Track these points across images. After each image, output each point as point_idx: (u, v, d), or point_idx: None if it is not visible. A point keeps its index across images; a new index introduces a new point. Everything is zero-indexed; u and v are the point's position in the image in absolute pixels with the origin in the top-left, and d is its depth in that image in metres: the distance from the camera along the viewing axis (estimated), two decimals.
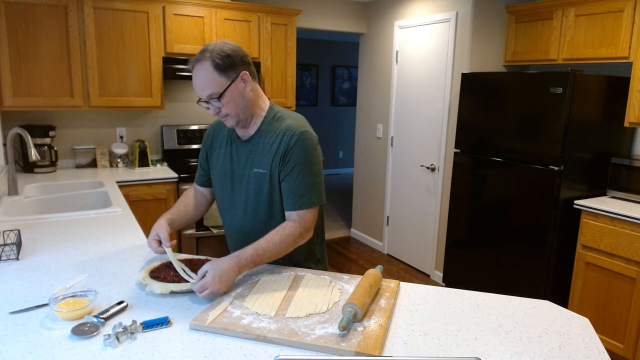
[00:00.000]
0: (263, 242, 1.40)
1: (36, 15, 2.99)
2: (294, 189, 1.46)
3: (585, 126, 2.92)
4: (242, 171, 1.54)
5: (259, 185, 1.51)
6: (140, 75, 3.38)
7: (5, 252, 1.58)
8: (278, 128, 1.49)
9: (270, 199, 1.51)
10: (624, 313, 2.66)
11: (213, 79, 1.40)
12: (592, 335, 1.17)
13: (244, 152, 1.54)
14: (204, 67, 1.39)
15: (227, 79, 1.41)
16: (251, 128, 1.53)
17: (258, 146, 1.51)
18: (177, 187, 3.33)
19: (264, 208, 1.52)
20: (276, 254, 1.41)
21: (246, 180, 1.54)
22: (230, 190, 1.58)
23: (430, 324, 1.21)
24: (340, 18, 4.53)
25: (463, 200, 3.49)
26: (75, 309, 1.17)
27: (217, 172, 1.62)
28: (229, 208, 1.61)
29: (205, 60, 1.39)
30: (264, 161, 1.49)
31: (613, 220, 2.69)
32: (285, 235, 1.42)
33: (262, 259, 1.39)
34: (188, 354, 1.04)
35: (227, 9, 3.58)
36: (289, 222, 1.47)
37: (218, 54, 1.39)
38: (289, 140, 1.46)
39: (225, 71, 1.40)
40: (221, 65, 1.39)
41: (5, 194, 2.56)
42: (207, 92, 1.41)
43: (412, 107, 4.16)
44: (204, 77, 1.40)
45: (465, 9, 3.55)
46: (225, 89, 1.41)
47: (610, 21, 2.90)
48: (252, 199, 1.53)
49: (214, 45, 1.41)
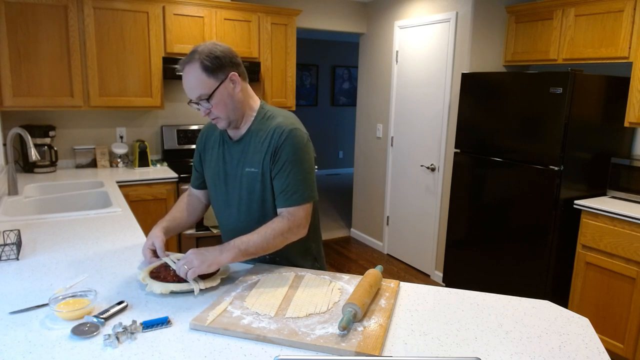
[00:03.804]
0: (250, 234, 1.43)
1: (36, 15, 2.99)
2: (285, 187, 1.47)
3: (585, 126, 2.92)
4: (235, 171, 1.55)
5: (251, 185, 1.52)
6: (140, 75, 3.38)
7: (5, 252, 1.58)
8: (268, 127, 1.50)
9: (263, 198, 1.52)
10: (624, 313, 2.66)
11: (201, 81, 1.40)
12: (592, 335, 1.17)
13: (236, 152, 1.55)
14: (193, 69, 1.40)
15: (215, 80, 1.42)
16: (242, 128, 1.54)
17: (249, 146, 1.52)
18: (177, 187, 3.33)
19: (257, 207, 1.53)
20: (264, 246, 1.42)
21: (239, 180, 1.54)
22: (224, 191, 1.59)
23: (430, 324, 1.21)
24: (340, 18, 4.54)
25: (463, 200, 3.49)
26: (75, 309, 1.17)
27: (211, 173, 1.62)
28: (224, 209, 1.62)
29: (193, 62, 1.40)
30: (256, 160, 1.50)
31: (613, 220, 2.69)
32: (272, 228, 1.43)
33: (247, 247, 1.40)
34: (188, 354, 1.04)
35: (227, 9, 3.58)
36: (278, 217, 1.48)
37: (206, 56, 1.40)
38: (278, 137, 1.46)
39: (213, 72, 1.41)
40: (209, 67, 1.40)
41: (5, 194, 2.56)
42: (196, 93, 1.42)
43: (412, 107, 4.16)
44: (192, 78, 1.41)
45: (465, 9, 3.55)
46: (214, 90, 1.42)
47: (610, 21, 2.90)
48: (245, 199, 1.54)
49: (203, 47, 1.42)
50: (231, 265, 1.54)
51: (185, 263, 1.34)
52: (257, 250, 1.41)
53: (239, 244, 1.40)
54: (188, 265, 1.33)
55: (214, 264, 1.36)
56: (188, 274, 1.32)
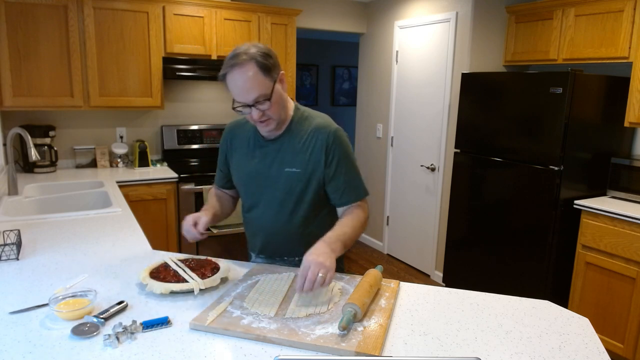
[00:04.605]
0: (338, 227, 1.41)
1: (36, 15, 2.99)
2: (347, 183, 1.49)
3: (585, 126, 2.92)
4: (268, 171, 1.52)
5: (291, 185, 1.50)
6: (140, 75, 3.38)
7: (5, 252, 1.58)
8: (308, 127, 1.49)
9: (301, 199, 1.50)
10: (624, 313, 2.66)
11: (260, 81, 1.34)
12: (592, 335, 1.17)
13: (271, 151, 1.52)
14: (249, 69, 1.32)
15: (271, 80, 1.37)
16: (279, 128, 1.52)
17: (287, 145, 1.50)
18: (177, 187, 3.33)
19: (291, 207, 1.52)
20: (353, 237, 1.43)
21: (273, 179, 1.52)
22: (255, 190, 1.57)
23: (430, 324, 1.21)
24: (340, 18, 4.54)
25: (463, 200, 3.49)
26: (75, 309, 1.17)
27: (240, 172, 1.60)
28: (254, 208, 1.59)
29: (247, 63, 1.32)
30: (298, 160, 1.48)
31: (613, 220, 2.69)
32: (358, 219, 1.46)
33: (345, 240, 1.38)
34: (188, 354, 1.04)
35: (227, 9, 3.58)
36: (353, 209, 1.50)
37: (260, 55, 1.34)
38: (326, 138, 1.46)
39: (269, 72, 1.36)
40: (266, 65, 1.34)
41: (5, 194, 2.56)
42: (253, 95, 1.35)
43: (412, 107, 4.16)
44: (250, 79, 1.33)
45: (465, 9, 3.55)
46: (272, 90, 1.38)
47: (610, 21, 2.90)
48: (279, 198, 1.52)
49: (249, 47, 1.35)
50: (231, 265, 1.54)
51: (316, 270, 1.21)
52: (351, 242, 1.41)
53: (341, 236, 1.37)
54: (322, 271, 1.21)
55: (334, 257, 1.28)
56: (327, 278, 1.21)
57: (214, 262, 1.49)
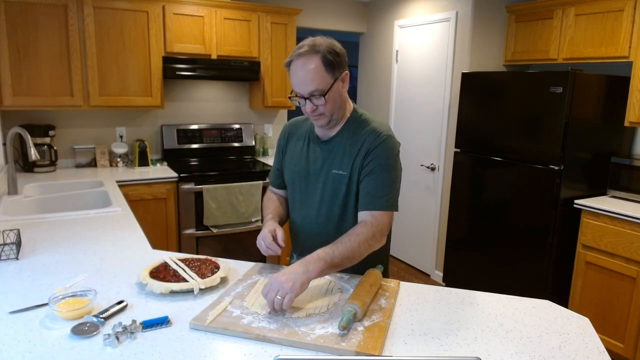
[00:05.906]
0: (333, 244, 1.32)
1: (36, 15, 2.99)
2: (372, 189, 1.41)
3: (585, 126, 2.92)
4: (319, 172, 1.51)
5: (336, 187, 1.48)
6: (140, 75, 3.37)
7: (5, 251, 1.58)
8: (362, 131, 1.46)
9: (345, 203, 1.48)
10: (624, 313, 2.66)
11: (320, 76, 1.35)
12: (592, 335, 1.17)
13: (323, 152, 1.51)
14: (313, 62, 1.34)
15: (332, 76, 1.37)
16: (333, 129, 1.50)
17: (338, 147, 1.48)
18: (177, 187, 3.33)
19: (338, 211, 1.49)
20: (349, 255, 1.31)
21: (322, 181, 1.50)
22: (304, 190, 1.55)
23: (430, 323, 1.21)
24: (340, 18, 4.53)
25: (463, 200, 3.49)
26: (75, 309, 1.17)
27: (291, 170, 1.59)
28: (300, 208, 1.58)
29: (314, 55, 1.34)
30: (345, 163, 1.46)
31: (613, 219, 2.69)
32: (356, 235, 1.34)
33: (333, 258, 1.28)
34: (188, 353, 1.04)
35: (227, 8, 3.57)
36: (360, 224, 1.39)
37: (329, 51, 1.35)
38: (372, 141, 1.42)
39: (333, 69, 1.36)
40: (331, 62, 1.35)
41: (5, 193, 2.56)
42: (310, 87, 1.36)
43: (412, 107, 4.15)
44: (310, 71, 1.34)
45: (465, 8, 3.55)
46: (330, 86, 1.38)
47: (610, 20, 2.90)
48: (326, 201, 1.50)
49: (321, 40, 1.36)
50: (231, 265, 1.54)
51: (275, 292, 1.17)
52: (343, 261, 1.30)
53: (323, 256, 1.27)
54: (280, 293, 1.17)
55: (305, 282, 1.21)
56: (285, 302, 1.16)
57: (213, 261, 1.49)
